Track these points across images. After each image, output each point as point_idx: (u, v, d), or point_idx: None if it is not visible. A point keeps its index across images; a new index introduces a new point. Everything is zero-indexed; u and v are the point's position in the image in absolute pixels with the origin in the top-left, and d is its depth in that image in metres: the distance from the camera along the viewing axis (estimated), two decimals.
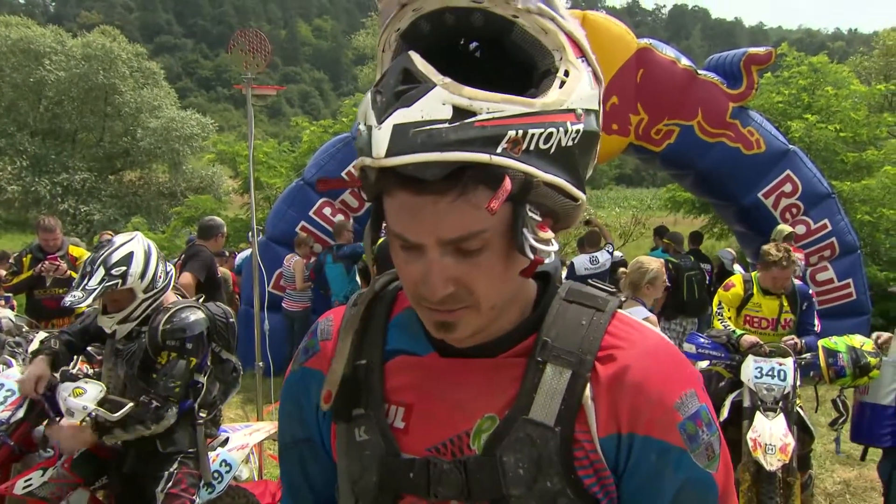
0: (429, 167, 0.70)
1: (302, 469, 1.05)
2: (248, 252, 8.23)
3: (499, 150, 0.72)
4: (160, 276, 2.80)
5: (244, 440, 3.43)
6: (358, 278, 7.67)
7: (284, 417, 1.06)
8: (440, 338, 0.85)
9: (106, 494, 2.97)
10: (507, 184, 0.72)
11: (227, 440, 3.32)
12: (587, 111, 0.79)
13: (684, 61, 8.05)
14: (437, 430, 0.87)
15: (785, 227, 7.58)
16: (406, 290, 0.84)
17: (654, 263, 3.87)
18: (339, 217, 8.09)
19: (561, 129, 0.75)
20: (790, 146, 8.48)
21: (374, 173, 0.74)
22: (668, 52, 8.05)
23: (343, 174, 8.22)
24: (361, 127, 0.74)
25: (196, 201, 16.84)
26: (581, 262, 7.36)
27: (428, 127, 0.70)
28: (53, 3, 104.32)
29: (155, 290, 2.79)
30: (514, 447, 0.83)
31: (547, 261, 0.80)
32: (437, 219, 0.74)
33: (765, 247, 4.29)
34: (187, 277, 5.26)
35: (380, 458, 0.88)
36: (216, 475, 3.14)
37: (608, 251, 7.65)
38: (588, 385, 0.84)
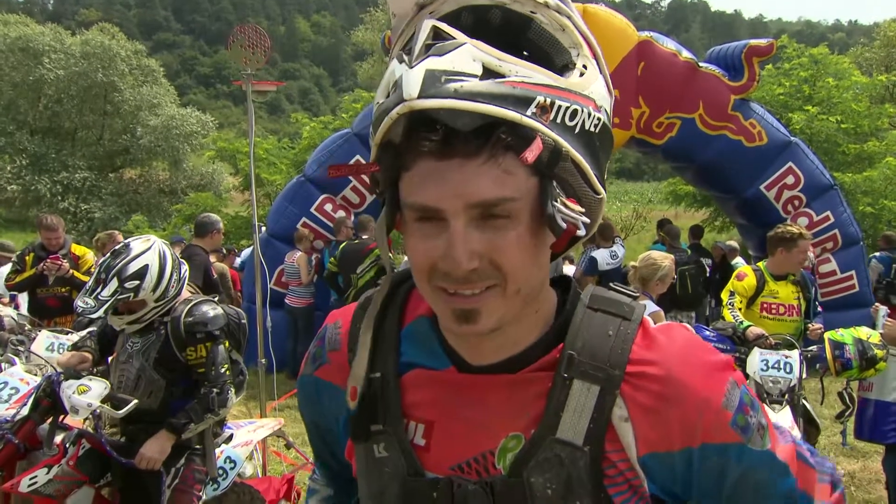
0: (461, 115, 0.68)
1: (324, 442, 1.06)
2: (250, 250, 8.23)
3: (528, 112, 0.70)
4: (173, 285, 2.86)
5: (248, 437, 3.44)
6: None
7: (302, 403, 1.05)
8: (461, 331, 0.79)
9: (111, 492, 2.98)
10: (539, 142, 0.70)
11: (231, 437, 3.33)
12: (605, 109, 0.79)
13: (685, 54, 8.02)
14: (460, 449, 0.85)
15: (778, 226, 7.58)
16: (420, 274, 0.79)
17: (666, 260, 3.87)
18: (340, 213, 8.08)
19: (585, 110, 0.75)
20: (792, 138, 8.45)
21: (399, 130, 0.72)
22: (668, 44, 8.03)
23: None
24: (380, 101, 0.73)
25: (196, 199, 16.85)
26: (603, 256, 7.38)
27: (459, 77, 0.68)
28: (52, 1, 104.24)
29: (166, 299, 2.84)
30: (542, 467, 0.80)
31: (579, 232, 0.77)
32: (466, 182, 0.71)
33: (777, 230, 4.29)
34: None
35: (402, 477, 0.86)
36: (221, 472, 3.16)
37: (622, 245, 7.71)
38: (618, 401, 0.81)
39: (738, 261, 9.29)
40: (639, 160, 35.26)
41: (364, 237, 7.19)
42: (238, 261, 10.06)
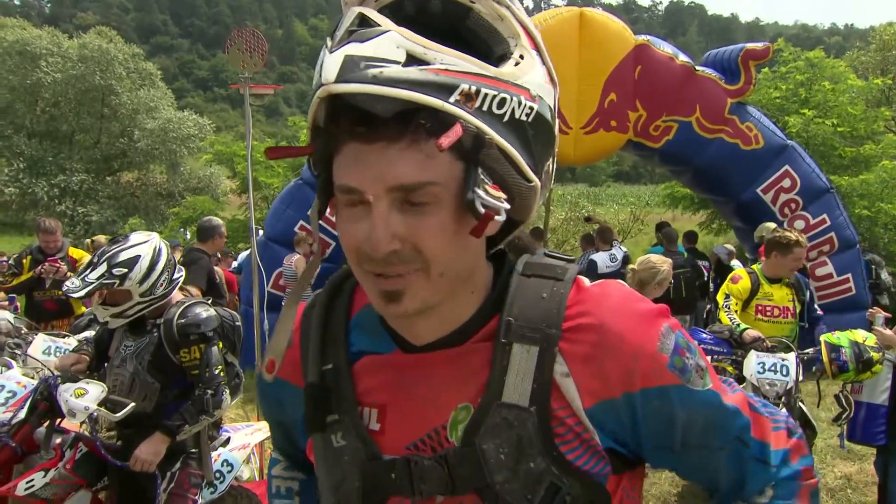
0: (379, 101, 0.69)
1: (289, 440, 1.08)
2: (247, 252, 8.22)
3: (451, 99, 0.71)
4: (161, 285, 2.83)
5: (245, 440, 3.43)
6: None
7: (265, 405, 1.08)
8: (388, 312, 0.81)
9: (108, 495, 2.98)
10: (459, 128, 0.70)
11: (228, 440, 3.33)
12: (541, 98, 0.79)
13: (682, 57, 8.05)
14: (414, 428, 0.86)
15: (769, 225, 7.61)
16: (349, 258, 0.81)
17: (665, 264, 3.89)
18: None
19: (515, 99, 0.75)
20: (788, 141, 8.48)
21: (322, 114, 0.73)
22: (665, 48, 8.05)
23: None
24: (315, 81, 0.74)
25: (194, 202, 16.86)
26: (602, 259, 7.40)
27: (380, 64, 0.69)
28: (49, 5, 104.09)
29: (152, 297, 2.82)
30: (493, 433, 0.82)
31: (498, 217, 0.77)
32: (387, 165, 0.73)
33: (775, 234, 4.31)
34: (194, 291, 5.24)
35: (360, 462, 0.87)
36: (218, 475, 3.15)
37: (621, 248, 7.74)
38: (558, 358, 0.82)
39: (735, 263, 9.31)
40: (636, 163, 35.32)
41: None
42: (235, 263, 10.05)
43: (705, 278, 8.37)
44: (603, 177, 40.50)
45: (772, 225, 7.60)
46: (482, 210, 0.74)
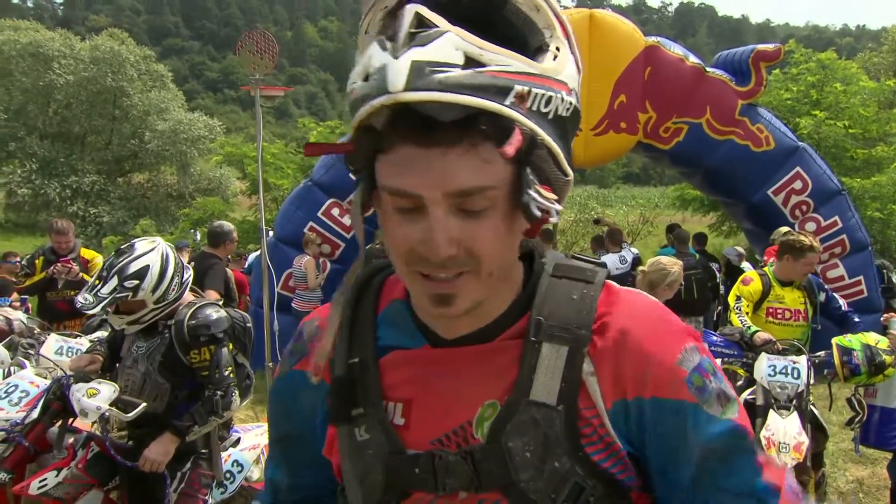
0: (445, 108, 0.68)
1: (285, 465, 1.06)
2: (257, 253, 8.25)
3: (507, 102, 0.71)
4: (173, 289, 2.86)
5: (255, 440, 3.45)
6: None
7: (273, 416, 1.06)
8: (437, 314, 0.81)
9: (119, 495, 3.00)
10: (519, 133, 0.71)
11: (238, 440, 3.35)
12: (574, 91, 0.79)
13: (692, 59, 8.01)
14: (439, 423, 0.86)
15: (783, 229, 7.57)
16: (398, 259, 0.79)
17: (675, 266, 3.87)
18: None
19: (558, 95, 0.76)
20: (800, 143, 8.43)
21: (382, 119, 0.71)
22: (676, 49, 8.02)
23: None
24: (358, 83, 0.73)
25: (204, 203, 16.90)
26: (612, 261, 7.38)
27: (443, 69, 0.68)
28: (62, 7, 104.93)
29: (165, 302, 2.85)
30: (519, 431, 0.82)
31: (553, 220, 0.78)
32: (446, 170, 0.72)
33: (789, 237, 4.28)
34: (213, 295, 5.27)
35: (383, 456, 0.87)
36: (228, 475, 3.17)
37: (631, 250, 7.72)
38: (586, 359, 0.83)
39: (746, 266, 9.26)
40: (646, 165, 35.22)
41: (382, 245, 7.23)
42: (245, 263, 10.08)
43: (717, 280, 8.33)
44: (612, 178, 40.33)
45: (784, 229, 7.57)
46: (538, 213, 0.75)
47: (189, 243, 10.88)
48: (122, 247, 2.89)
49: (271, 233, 8.26)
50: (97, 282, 2.74)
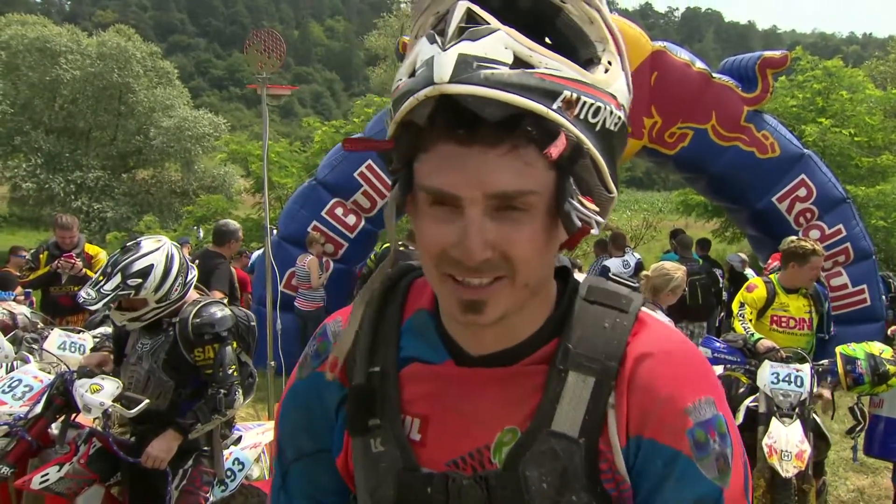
0: (489, 104, 0.67)
1: (311, 485, 0.98)
2: (261, 252, 8.26)
3: (554, 106, 0.69)
4: (176, 289, 2.85)
5: (256, 439, 3.45)
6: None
7: (287, 430, 0.98)
8: (466, 321, 0.77)
9: (120, 491, 3.00)
10: (564, 138, 0.69)
11: (240, 439, 3.35)
12: (624, 107, 0.78)
13: (699, 64, 8.01)
14: (456, 444, 0.84)
15: (791, 238, 7.56)
16: (429, 261, 0.76)
17: (679, 272, 3.87)
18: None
19: (608, 108, 0.74)
20: (805, 150, 8.43)
21: (425, 112, 0.69)
22: (682, 55, 8.02)
23: (356, 176, 8.24)
24: (403, 79, 0.72)
25: (208, 200, 16.91)
26: (616, 266, 7.39)
27: (491, 65, 0.67)
28: (69, 3, 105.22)
29: (168, 301, 2.85)
30: (538, 461, 0.79)
31: (594, 232, 0.77)
32: (486, 171, 0.70)
33: (791, 245, 4.28)
34: (217, 295, 5.28)
35: (396, 471, 0.85)
36: (229, 473, 3.17)
37: (634, 254, 7.72)
38: (612, 393, 0.80)
39: (750, 272, 9.24)
40: (649, 169, 35.16)
41: (411, 247, 7.23)
42: (248, 262, 10.10)
43: (720, 285, 8.32)
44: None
45: (792, 238, 7.56)
46: (579, 223, 0.73)
47: (190, 239, 10.90)
48: (128, 244, 2.89)
49: (275, 231, 8.27)
50: (101, 278, 2.75)
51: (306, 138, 19.16)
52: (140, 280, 2.74)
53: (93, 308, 2.76)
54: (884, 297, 8.44)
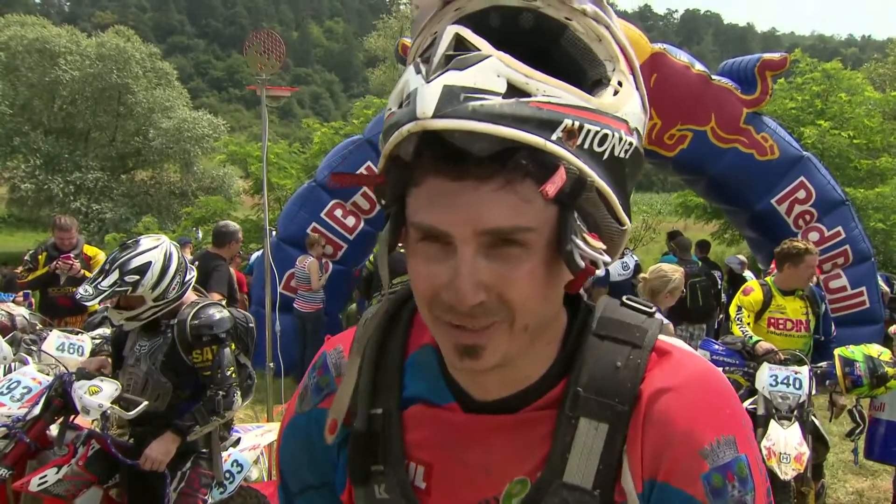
0: (478, 139, 0.62)
1: None
2: (260, 253, 8.26)
3: (553, 137, 0.64)
4: (173, 288, 2.85)
5: (255, 441, 3.45)
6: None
7: (290, 465, 0.94)
8: (463, 366, 0.72)
9: (119, 493, 3.00)
10: (563, 172, 0.64)
11: (238, 440, 3.35)
12: (637, 131, 0.72)
13: (698, 66, 8.02)
14: (464, 495, 0.79)
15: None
16: (422, 302, 0.71)
17: (677, 273, 3.87)
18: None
19: (616, 134, 0.68)
20: (804, 153, 8.43)
21: (409, 148, 0.65)
22: (682, 57, 8.03)
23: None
24: (394, 109, 0.67)
25: (207, 202, 16.89)
26: (615, 268, 7.39)
27: (480, 95, 0.62)
28: (68, 3, 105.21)
29: (165, 300, 2.85)
30: None
31: (599, 272, 0.71)
32: (478, 207, 0.64)
33: (783, 246, 4.29)
34: (216, 297, 5.28)
35: None
36: (228, 475, 3.17)
37: (633, 256, 7.73)
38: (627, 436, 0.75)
39: (748, 274, 9.26)
40: (649, 171, 35.16)
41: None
42: (247, 263, 10.10)
43: (720, 287, 8.33)
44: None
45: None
46: (582, 264, 0.67)
47: (191, 240, 10.90)
48: (128, 242, 2.90)
49: (274, 233, 8.27)
50: (99, 275, 2.75)
51: (305, 139, 19.15)
52: (137, 277, 2.74)
53: (90, 305, 2.77)
54: (886, 295, 8.44)
